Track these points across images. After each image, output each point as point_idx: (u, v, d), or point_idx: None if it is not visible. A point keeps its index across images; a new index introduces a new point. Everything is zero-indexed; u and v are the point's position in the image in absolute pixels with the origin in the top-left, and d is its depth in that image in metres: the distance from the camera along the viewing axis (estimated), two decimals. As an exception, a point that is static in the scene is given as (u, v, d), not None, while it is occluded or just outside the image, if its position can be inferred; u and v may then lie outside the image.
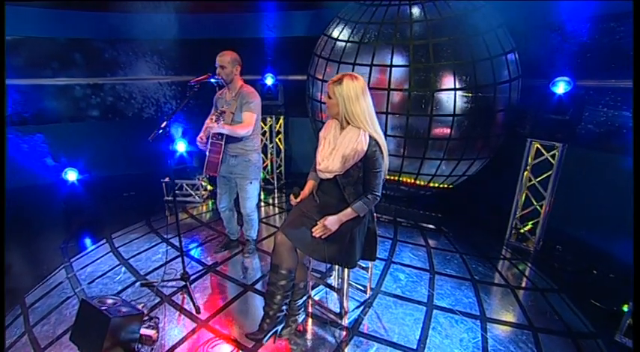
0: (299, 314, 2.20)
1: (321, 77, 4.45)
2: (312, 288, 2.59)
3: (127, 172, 4.94)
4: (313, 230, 1.96)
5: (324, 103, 4.31)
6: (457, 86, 3.51)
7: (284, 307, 2.05)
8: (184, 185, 4.44)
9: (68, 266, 2.96)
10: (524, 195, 3.34)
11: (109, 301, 2.12)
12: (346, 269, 2.25)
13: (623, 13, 2.78)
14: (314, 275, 2.51)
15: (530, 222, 3.37)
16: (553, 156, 3.09)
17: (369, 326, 2.30)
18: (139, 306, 2.38)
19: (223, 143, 2.68)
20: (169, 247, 3.26)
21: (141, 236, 3.49)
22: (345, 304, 2.34)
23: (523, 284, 2.85)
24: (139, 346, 2.09)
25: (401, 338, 2.19)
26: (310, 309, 2.44)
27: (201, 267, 2.96)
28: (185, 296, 2.56)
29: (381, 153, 1.93)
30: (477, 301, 2.58)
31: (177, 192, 4.43)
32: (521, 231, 3.38)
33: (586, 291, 2.69)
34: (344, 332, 2.24)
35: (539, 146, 3.17)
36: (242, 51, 4.80)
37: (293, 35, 4.77)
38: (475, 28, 3.48)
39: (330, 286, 2.56)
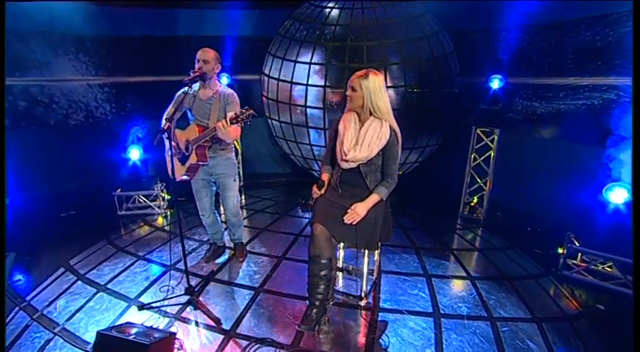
0: (329, 301, 2.29)
1: (276, 76, 4.49)
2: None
3: (57, 190, 4.16)
4: (346, 217, 2.08)
5: (276, 101, 4.39)
6: (406, 83, 3.98)
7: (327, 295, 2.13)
8: (137, 197, 3.98)
9: (27, 307, 2.44)
10: (470, 174, 3.99)
11: (129, 329, 1.89)
12: (366, 253, 2.43)
13: (534, 25, 3.56)
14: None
15: (476, 196, 4.05)
16: (492, 141, 3.77)
17: (387, 302, 2.53)
18: (152, 330, 2.16)
19: (210, 144, 2.57)
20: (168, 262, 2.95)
21: (108, 257, 3.06)
22: (364, 286, 2.53)
23: (483, 247, 3.45)
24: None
25: (418, 306, 2.49)
26: (329, 297, 2.54)
27: (198, 279, 2.77)
28: (195, 311, 2.39)
29: (398, 141, 2.15)
30: (460, 265, 3.05)
31: (130, 205, 3.95)
32: (472, 204, 4.04)
33: (527, 244, 3.41)
34: (369, 312, 2.42)
35: (479, 132, 3.83)
36: (192, 50, 4.53)
37: (243, 34, 4.66)
38: (421, 31, 3.99)
39: (344, 270, 2.70)
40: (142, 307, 2.41)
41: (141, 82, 4.48)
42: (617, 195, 2.74)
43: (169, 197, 4.14)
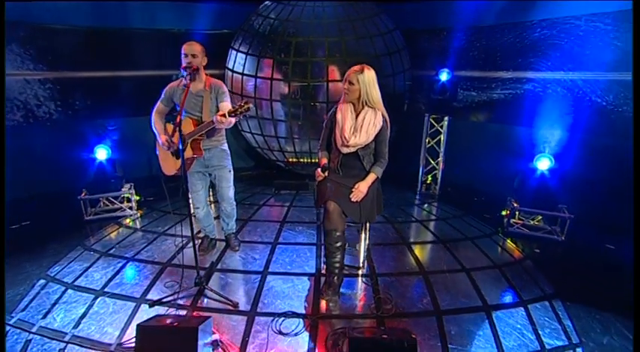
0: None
1: (240, 71, 4.54)
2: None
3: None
4: (352, 196, 2.36)
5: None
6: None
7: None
8: (103, 200, 3.72)
9: (18, 321, 2.24)
10: (425, 156, 4.58)
11: (165, 319, 1.93)
12: (362, 228, 2.75)
13: (471, 27, 4.22)
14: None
15: (430, 175, 4.66)
16: (442, 126, 4.38)
17: (381, 268, 2.90)
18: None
19: (205, 137, 2.62)
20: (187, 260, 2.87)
21: (93, 263, 2.89)
22: (361, 257, 2.85)
23: (442, 216, 4.05)
24: None
25: (407, 268, 2.90)
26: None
27: (202, 271, 2.79)
28: (209, 300, 2.47)
29: (388, 127, 2.49)
30: (429, 232, 3.57)
31: (98, 209, 3.69)
32: (427, 182, 4.64)
33: (477, 211, 4.09)
34: (369, 278, 2.76)
35: (432, 120, 4.42)
36: (147, 44, 4.34)
37: (200, 29, 4.58)
38: (376, 29, 4.40)
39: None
40: (153, 304, 2.40)
41: (91, 77, 4.14)
42: (543, 164, 3.50)
43: (138, 198, 3.95)
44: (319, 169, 2.47)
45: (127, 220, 3.73)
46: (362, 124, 2.36)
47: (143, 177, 3.98)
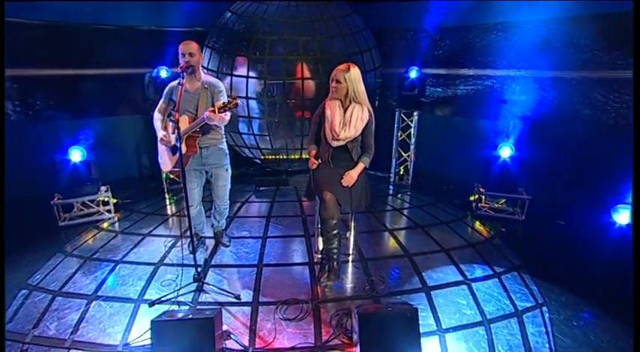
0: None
1: (215, 69, 4.52)
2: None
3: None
4: (343, 181, 2.51)
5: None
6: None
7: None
8: (77, 203, 3.54)
9: (7, 333, 2.13)
10: (397, 149, 4.86)
11: (176, 314, 1.96)
12: (351, 217, 2.92)
13: (435, 27, 4.55)
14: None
15: (402, 167, 4.96)
16: (412, 121, 4.68)
17: (369, 253, 3.09)
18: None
19: (200, 135, 2.65)
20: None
21: (77, 268, 2.78)
22: (351, 244, 3.03)
23: (417, 204, 4.35)
24: (225, 343, 2.06)
25: (393, 253, 3.12)
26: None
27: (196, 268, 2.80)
28: (210, 294, 2.50)
29: (372, 120, 2.67)
30: (407, 218, 3.84)
31: (72, 214, 3.50)
32: (400, 173, 4.93)
33: (448, 198, 4.43)
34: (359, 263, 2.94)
35: (402, 115, 4.70)
36: (120, 42, 4.18)
37: (173, 26, 4.47)
38: (348, 28, 4.59)
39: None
40: (152, 304, 2.38)
41: (54, 75, 3.89)
42: (504, 151, 3.91)
43: (116, 200, 3.80)
44: (313, 158, 2.60)
45: (105, 224, 3.59)
46: (350, 119, 2.52)
47: (119, 178, 3.82)
